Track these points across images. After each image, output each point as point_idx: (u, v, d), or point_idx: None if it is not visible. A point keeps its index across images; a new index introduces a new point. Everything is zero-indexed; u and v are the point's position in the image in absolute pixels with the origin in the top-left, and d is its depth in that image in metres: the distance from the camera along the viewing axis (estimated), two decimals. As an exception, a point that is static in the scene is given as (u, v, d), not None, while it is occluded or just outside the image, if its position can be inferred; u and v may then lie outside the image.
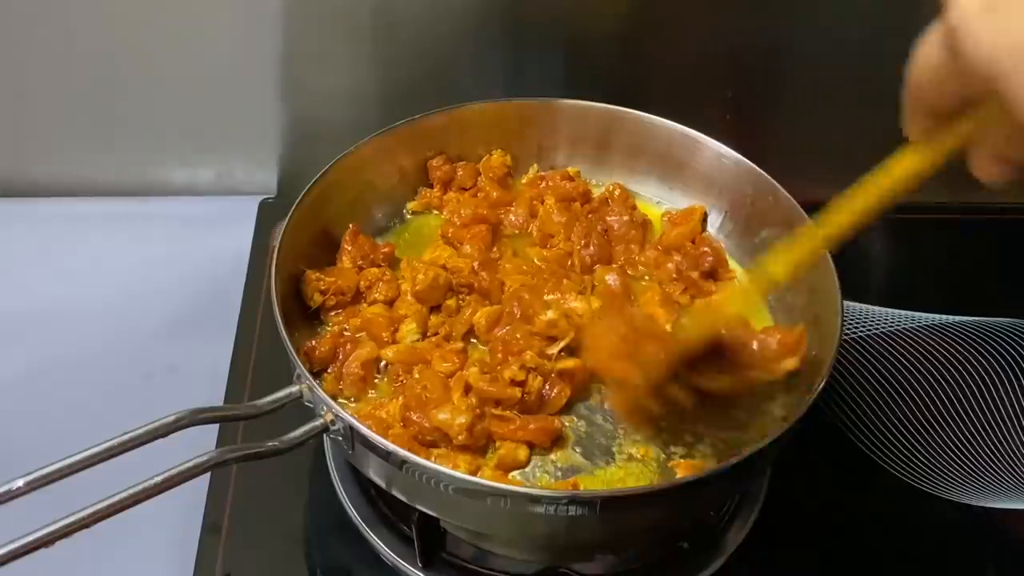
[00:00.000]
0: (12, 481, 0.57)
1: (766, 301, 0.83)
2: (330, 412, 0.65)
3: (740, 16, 1.01)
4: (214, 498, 0.79)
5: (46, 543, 0.55)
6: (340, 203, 0.83)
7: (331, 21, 1.00)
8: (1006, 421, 0.89)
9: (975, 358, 0.94)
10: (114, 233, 1.06)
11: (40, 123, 1.07)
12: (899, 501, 0.83)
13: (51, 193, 1.09)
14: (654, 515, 0.67)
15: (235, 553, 0.76)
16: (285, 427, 0.66)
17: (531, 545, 0.75)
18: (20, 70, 1.02)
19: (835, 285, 0.74)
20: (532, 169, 0.94)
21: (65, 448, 0.59)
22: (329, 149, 0.83)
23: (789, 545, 0.79)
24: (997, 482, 0.84)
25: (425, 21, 1.00)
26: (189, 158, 1.10)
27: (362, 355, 0.74)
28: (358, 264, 0.81)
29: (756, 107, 1.08)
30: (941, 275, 1.05)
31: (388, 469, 0.65)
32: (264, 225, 1.03)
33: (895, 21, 1.03)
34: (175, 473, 0.59)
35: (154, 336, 0.95)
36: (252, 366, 0.89)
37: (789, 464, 0.72)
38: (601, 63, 1.05)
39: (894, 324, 0.97)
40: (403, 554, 0.75)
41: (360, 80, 1.04)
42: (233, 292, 0.96)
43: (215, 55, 1.02)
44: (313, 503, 0.80)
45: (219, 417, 0.68)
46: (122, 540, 0.67)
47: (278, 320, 0.69)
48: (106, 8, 0.98)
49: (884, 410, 0.89)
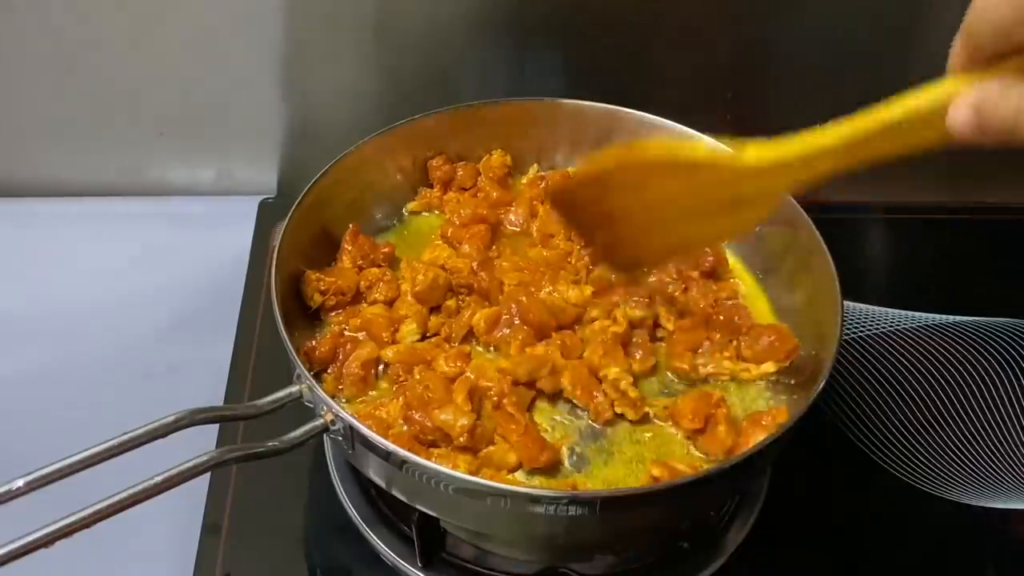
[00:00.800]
0: (12, 481, 0.57)
1: (768, 300, 0.84)
2: (330, 412, 0.65)
3: (740, 17, 1.01)
4: (214, 498, 0.79)
5: (46, 543, 0.55)
6: (340, 203, 0.83)
7: (332, 21, 1.00)
8: (1006, 421, 0.89)
9: (975, 358, 0.94)
10: (114, 233, 1.06)
11: (39, 123, 1.07)
12: (899, 501, 0.83)
13: (51, 193, 1.09)
14: (654, 515, 0.67)
15: (235, 553, 0.76)
16: (285, 427, 0.66)
17: (531, 545, 0.75)
18: (19, 70, 1.02)
19: (835, 285, 0.74)
20: (532, 169, 0.94)
21: (65, 448, 0.59)
22: (329, 149, 0.83)
23: (789, 545, 0.79)
24: (997, 482, 0.84)
25: (425, 21, 1.00)
26: (189, 158, 1.10)
27: (362, 355, 0.74)
28: (358, 264, 0.81)
29: (756, 107, 1.08)
30: (941, 275, 1.05)
31: (388, 469, 0.65)
32: (264, 225, 1.03)
33: (896, 22, 1.03)
34: (175, 473, 0.59)
35: (154, 336, 0.95)
36: (252, 366, 0.89)
37: (789, 464, 0.72)
38: (601, 63, 1.05)
39: (894, 324, 0.97)
40: (403, 554, 0.75)
41: (360, 80, 1.04)
42: (233, 292, 0.96)
43: (215, 55, 1.02)
44: (313, 503, 0.80)
45: (219, 417, 0.68)
46: (122, 540, 0.67)
47: (278, 320, 0.69)
48: (106, 8, 0.98)
49: (884, 410, 0.89)
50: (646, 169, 0.66)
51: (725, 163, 0.63)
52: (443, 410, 0.69)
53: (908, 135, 0.53)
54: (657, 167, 0.65)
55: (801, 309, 0.80)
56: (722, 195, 0.64)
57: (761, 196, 0.64)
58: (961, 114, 0.49)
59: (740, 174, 0.62)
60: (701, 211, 0.66)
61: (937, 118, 0.50)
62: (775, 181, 0.62)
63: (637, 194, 0.67)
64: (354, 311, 0.79)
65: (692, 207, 0.66)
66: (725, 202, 0.65)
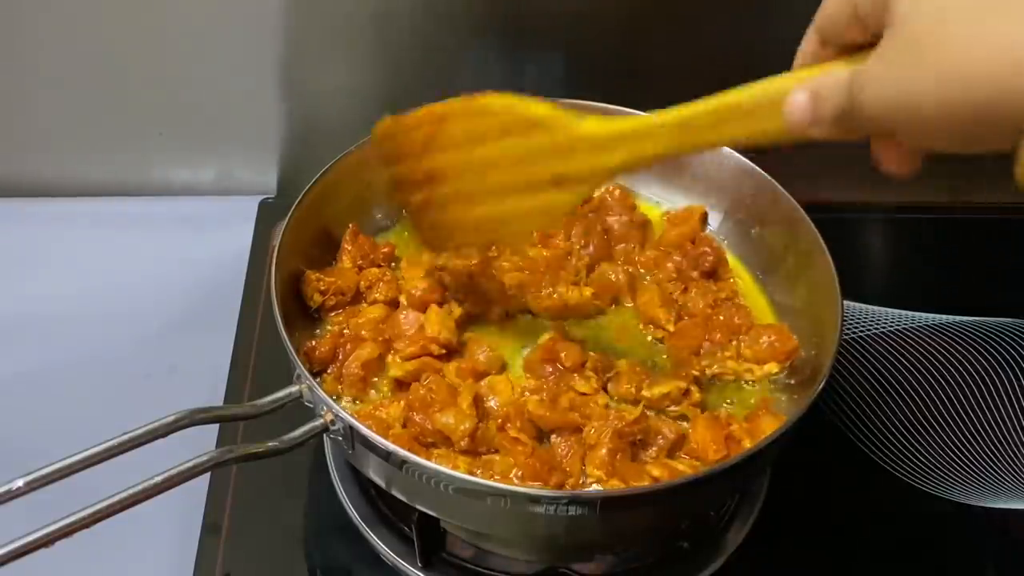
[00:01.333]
0: (12, 481, 0.57)
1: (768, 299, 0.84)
2: (330, 412, 0.65)
3: (740, 16, 1.01)
4: (214, 498, 0.79)
5: (46, 543, 0.55)
6: (340, 203, 0.83)
7: (331, 21, 1.00)
8: (1006, 421, 0.89)
9: (975, 358, 0.94)
10: (114, 233, 1.06)
11: (39, 123, 1.07)
12: (899, 501, 0.83)
13: (51, 193, 1.09)
14: (654, 515, 0.67)
15: (235, 553, 0.76)
16: (285, 427, 0.66)
17: (531, 545, 0.75)
18: (19, 69, 1.02)
19: (835, 285, 0.74)
20: (532, 169, 0.94)
21: (65, 448, 0.59)
22: (329, 149, 0.83)
23: (789, 545, 0.79)
24: (997, 482, 0.84)
25: (425, 21, 1.00)
26: (189, 158, 1.10)
27: (362, 355, 0.74)
28: (358, 264, 0.81)
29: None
30: (941, 275, 1.05)
31: (388, 469, 0.65)
32: (264, 225, 1.03)
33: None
34: (175, 473, 0.59)
35: (154, 336, 0.95)
36: (252, 366, 0.89)
37: (789, 464, 0.72)
38: (601, 63, 1.05)
39: (894, 324, 0.97)
40: (403, 554, 0.75)
41: (360, 80, 1.04)
42: (233, 292, 0.96)
43: (215, 55, 1.02)
44: (313, 503, 0.80)
45: (219, 417, 0.68)
46: (122, 540, 0.67)
47: (278, 320, 0.69)
48: (106, 8, 0.98)
49: (884, 410, 0.89)
50: (480, 119, 0.65)
51: (561, 123, 0.62)
52: (445, 413, 0.69)
53: (747, 122, 0.54)
54: (493, 118, 0.65)
55: (801, 309, 0.80)
56: (549, 166, 0.63)
57: (588, 172, 0.63)
58: (798, 98, 0.50)
59: (574, 140, 0.62)
60: (523, 184, 0.65)
61: (778, 108, 0.51)
62: (607, 156, 0.61)
63: (464, 152, 0.67)
64: (354, 311, 0.79)
65: (515, 178, 0.65)
66: (549, 176, 0.64)
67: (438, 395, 0.70)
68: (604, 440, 0.68)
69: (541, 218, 0.68)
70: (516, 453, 0.68)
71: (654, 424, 0.71)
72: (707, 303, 0.81)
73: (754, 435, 0.69)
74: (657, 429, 0.71)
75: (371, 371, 0.74)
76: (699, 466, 0.69)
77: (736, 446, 0.69)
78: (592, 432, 0.69)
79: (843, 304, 0.73)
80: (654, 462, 0.69)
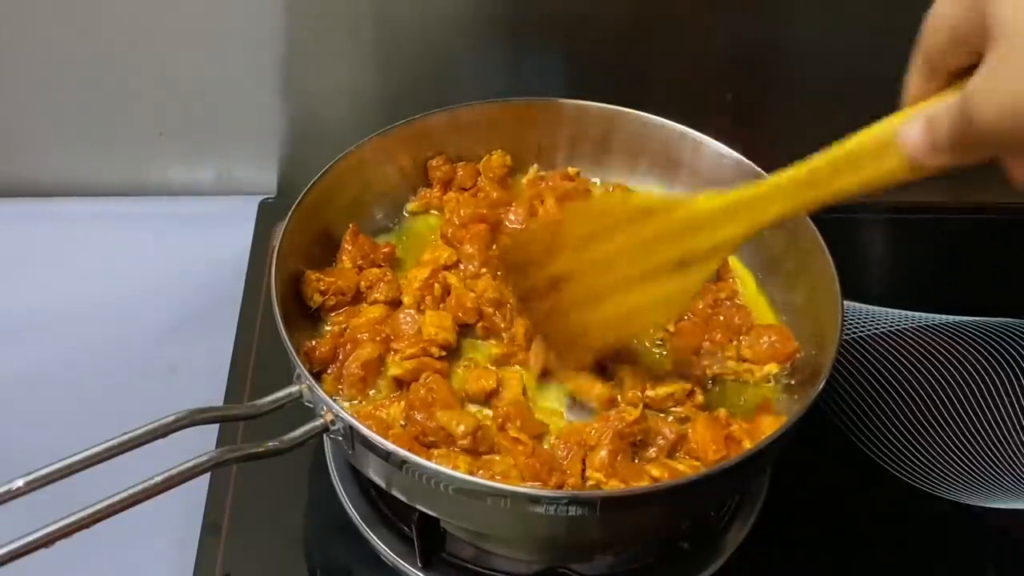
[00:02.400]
0: (12, 481, 0.57)
1: (768, 299, 0.84)
2: (330, 412, 0.65)
3: (740, 16, 1.01)
4: (214, 498, 0.79)
5: (46, 543, 0.55)
6: (340, 203, 0.83)
7: (331, 21, 1.00)
8: (1006, 421, 0.89)
9: (975, 358, 0.94)
10: (114, 233, 1.06)
11: (39, 123, 1.07)
12: (899, 501, 0.83)
13: (50, 193, 1.09)
14: (654, 515, 0.67)
15: (235, 553, 0.76)
16: (285, 427, 0.66)
17: (531, 545, 0.75)
18: (19, 69, 1.02)
19: (835, 285, 0.74)
20: (532, 169, 0.94)
21: (65, 448, 0.59)
22: (329, 149, 0.83)
23: (789, 545, 0.79)
24: (997, 482, 0.84)
25: (425, 21, 1.00)
26: (189, 158, 1.10)
27: (362, 355, 0.74)
28: (358, 264, 0.81)
29: (756, 107, 1.08)
30: (941, 275, 1.05)
31: (388, 469, 0.65)
32: (264, 225, 1.03)
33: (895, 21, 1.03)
34: (175, 473, 0.59)
35: (154, 336, 0.95)
36: (252, 366, 0.89)
37: (789, 464, 0.72)
38: (601, 63, 1.05)
39: (894, 324, 0.97)
40: (403, 554, 0.75)
41: (360, 80, 1.04)
42: (233, 292, 0.96)
43: (215, 55, 1.02)
44: (313, 503, 0.80)
45: (219, 417, 0.68)
46: (122, 540, 0.67)
47: (278, 320, 0.69)
48: (107, 7, 0.98)
49: (884, 410, 0.89)
50: (597, 217, 0.67)
51: (678, 205, 0.63)
52: (446, 412, 0.69)
53: (865, 167, 0.54)
54: (609, 214, 0.66)
55: (801, 309, 0.80)
56: (672, 250, 0.64)
57: (711, 248, 0.63)
58: (912, 129, 0.50)
59: (693, 218, 0.63)
60: (648, 273, 0.66)
61: (893, 146, 0.51)
62: (729, 227, 0.62)
63: (584, 254, 0.67)
64: (354, 311, 0.79)
65: (639, 268, 0.66)
66: (672, 260, 0.64)
67: (438, 395, 0.70)
68: (604, 441, 0.68)
69: (669, 306, 0.69)
70: (516, 453, 0.68)
71: (654, 425, 0.71)
72: (707, 303, 0.80)
73: (754, 435, 0.69)
74: (657, 430, 0.71)
75: (371, 371, 0.74)
76: (699, 466, 0.69)
77: (736, 446, 0.69)
78: (592, 433, 0.69)
79: (843, 304, 0.73)
80: (654, 463, 0.69)
